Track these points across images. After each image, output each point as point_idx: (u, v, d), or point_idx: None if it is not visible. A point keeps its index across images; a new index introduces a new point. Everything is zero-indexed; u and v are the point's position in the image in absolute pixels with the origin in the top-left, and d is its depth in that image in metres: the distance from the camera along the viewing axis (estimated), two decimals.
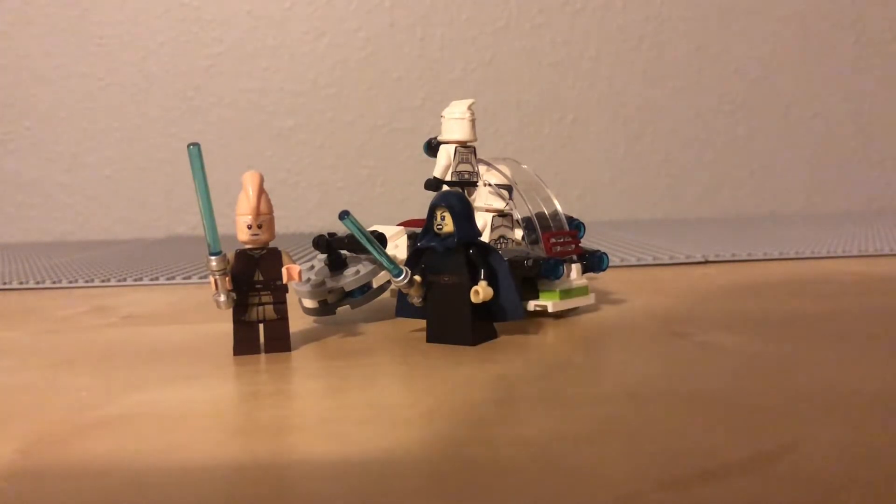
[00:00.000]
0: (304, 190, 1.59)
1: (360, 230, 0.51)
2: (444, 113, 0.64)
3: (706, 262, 0.94)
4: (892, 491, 0.29)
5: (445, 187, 0.63)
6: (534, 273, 0.58)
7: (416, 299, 0.55)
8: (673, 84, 1.64)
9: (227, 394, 0.45)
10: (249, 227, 0.52)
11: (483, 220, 0.62)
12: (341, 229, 0.56)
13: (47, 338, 0.62)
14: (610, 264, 0.65)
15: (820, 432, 0.35)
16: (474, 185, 0.65)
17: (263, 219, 0.53)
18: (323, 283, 0.61)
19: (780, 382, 0.43)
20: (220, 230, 0.51)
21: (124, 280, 0.92)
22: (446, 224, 0.53)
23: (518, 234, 0.65)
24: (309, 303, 0.62)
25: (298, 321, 0.62)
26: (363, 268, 0.62)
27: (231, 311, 0.53)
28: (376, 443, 0.35)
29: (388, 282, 0.62)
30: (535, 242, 0.63)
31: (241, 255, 0.53)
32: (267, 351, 0.54)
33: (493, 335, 0.55)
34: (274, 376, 0.48)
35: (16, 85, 1.55)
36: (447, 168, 0.64)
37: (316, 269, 0.64)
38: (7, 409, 0.43)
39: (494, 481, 0.31)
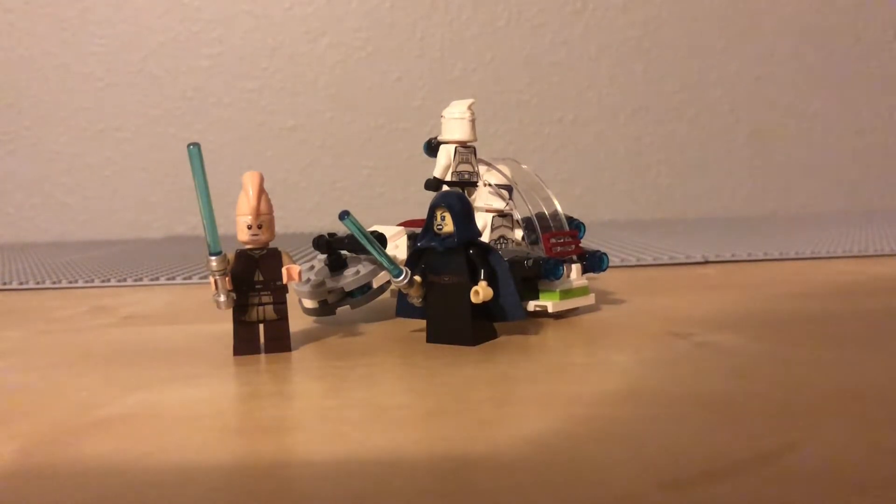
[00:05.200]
0: (304, 190, 1.59)
1: (360, 230, 0.51)
2: (444, 113, 0.64)
3: (706, 262, 0.94)
4: (892, 491, 0.29)
5: (445, 187, 0.63)
6: (534, 273, 0.58)
7: (416, 299, 0.54)
8: (673, 84, 1.64)
9: (227, 394, 0.45)
10: (249, 228, 0.52)
11: (483, 220, 0.62)
12: (341, 229, 0.56)
13: (47, 338, 0.62)
14: (610, 264, 0.65)
15: (820, 432, 0.35)
16: (474, 185, 0.65)
17: (263, 219, 0.52)
18: (323, 283, 0.61)
19: (781, 382, 0.43)
20: (220, 230, 0.51)
21: (124, 280, 0.92)
22: (446, 224, 0.53)
23: (518, 234, 0.65)
24: (309, 303, 0.62)
25: (298, 321, 0.62)
26: (363, 268, 0.62)
27: (231, 311, 0.53)
28: (376, 443, 0.35)
29: (388, 282, 0.62)
30: (535, 242, 0.63)
31: (241, 255, 0.53)
32: (267, 351, 0.54)
33: (493, 335, 0.55)
34: (274, 376, 0.48)
35: (16, 85, 1.55)
36: (447, 168, 0.64)
37: (316, 269, 0.64)
38: (7, 409, 0.43)
39: (494, 481, 0.31)
